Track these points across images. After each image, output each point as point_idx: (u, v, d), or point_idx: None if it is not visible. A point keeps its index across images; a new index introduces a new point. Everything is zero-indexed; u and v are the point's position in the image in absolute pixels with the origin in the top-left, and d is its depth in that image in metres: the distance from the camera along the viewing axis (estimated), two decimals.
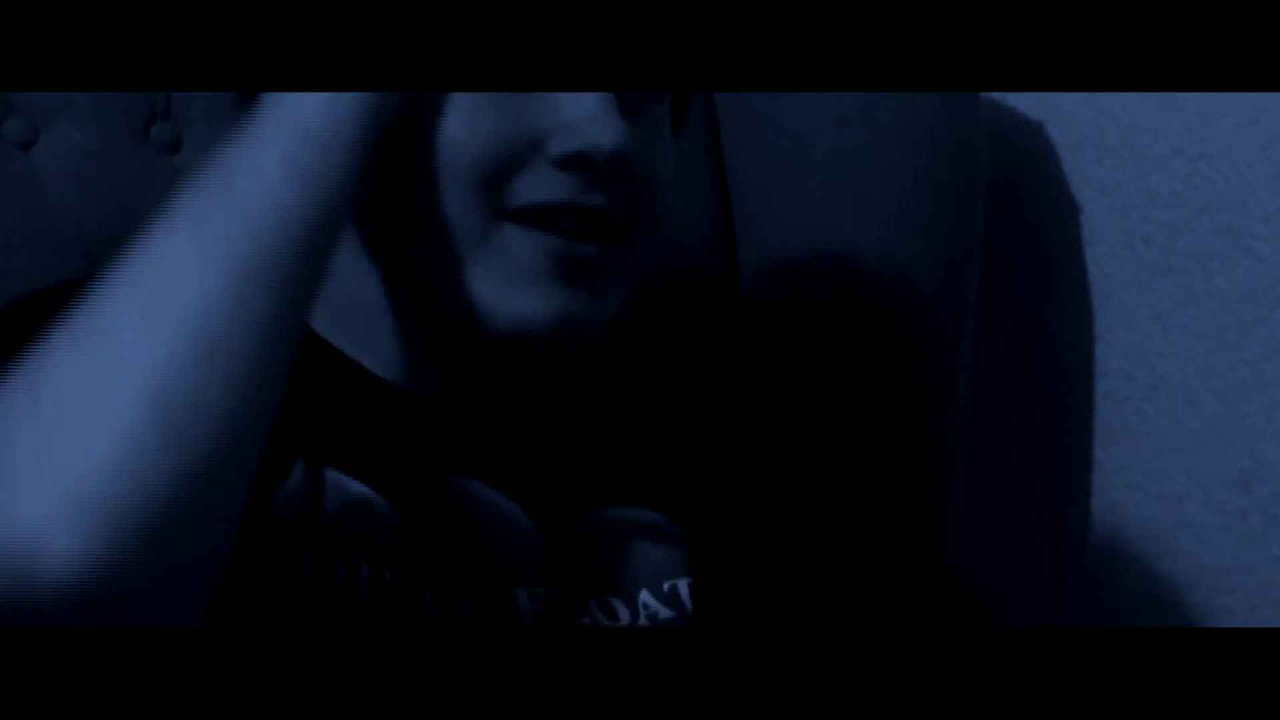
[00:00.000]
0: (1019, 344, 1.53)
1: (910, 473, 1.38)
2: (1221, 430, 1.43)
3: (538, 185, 1.02)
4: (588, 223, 1.02)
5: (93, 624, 0.86)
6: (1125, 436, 1.48)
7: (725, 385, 1.35)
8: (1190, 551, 1.44)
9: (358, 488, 1.02)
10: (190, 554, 0.89)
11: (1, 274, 1.22)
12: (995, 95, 1.47)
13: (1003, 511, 1.54)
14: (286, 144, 0.94)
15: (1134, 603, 1.47)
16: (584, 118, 1.02)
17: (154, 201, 0.95)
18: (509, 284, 1.02)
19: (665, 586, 1.06)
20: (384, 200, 1.03)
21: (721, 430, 1.16)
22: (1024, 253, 1.52)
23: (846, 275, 1.38)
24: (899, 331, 1.39)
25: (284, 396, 0.92)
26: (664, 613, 1.05)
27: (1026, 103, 1.49)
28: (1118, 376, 1.48)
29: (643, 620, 1.04)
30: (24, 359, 0.90)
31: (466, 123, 1.02)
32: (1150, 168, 1.45)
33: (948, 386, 1.40)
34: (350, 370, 1.07)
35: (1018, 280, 1.52)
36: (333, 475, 1.02)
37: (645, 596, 1.05)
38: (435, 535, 1.02)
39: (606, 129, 1.02)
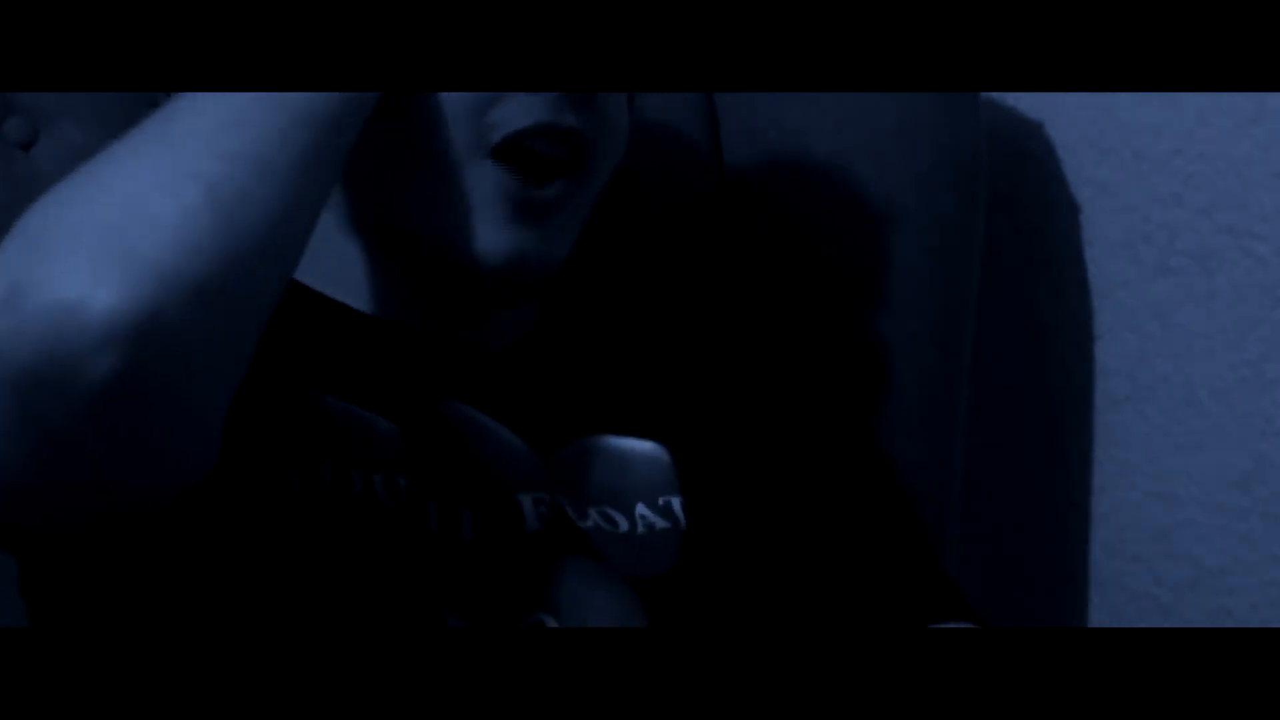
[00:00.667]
0: (1019, 344, 1.53)
1: (910, 474, 1.37)
2: (1221, 430, 1.42)
3: (515, 113, 1.08)
4: (563, 145, 1.09)
5: (124, 387, 0.89)
6: (1125, 436, 1.48)
7: (716, 327, 1.35)
8: (1190, 551, 1.44)
9: (359, 411, 1.07)
10: (229, 326, 0.94)
11: None
12: (995, 95, 1.47)
13: (1003, 511, 1.54)
14: None
15: (1134, 603, 1.47)
16: None
17: None
18: (471, 220, 1.08)
19: (660, 501, 1.11)
20: (367, 145, 1.06)
21: (710, 365, 1.20)
22: (1024, 253, 1.52)
23: (846, 275, 1.38)
24: (899, 331, 1.39)
25: (322, 207, 1.00)
26: (660, 523, 1.10)
27: (1026, 103, 1.49)
28: (1118, 376, 1.48)
29: (640, 530, 1.09)
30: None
31: None
32: (1150, 168, 1.45)
33: (948, 386, 1.40)
34: (340, 311, 1.12)
35: (1018, 280, 1.52)
36: (334, 401, 1.06)
37: (641, 508, 1.10)
38: (436, 450, 1.07)
39: None
